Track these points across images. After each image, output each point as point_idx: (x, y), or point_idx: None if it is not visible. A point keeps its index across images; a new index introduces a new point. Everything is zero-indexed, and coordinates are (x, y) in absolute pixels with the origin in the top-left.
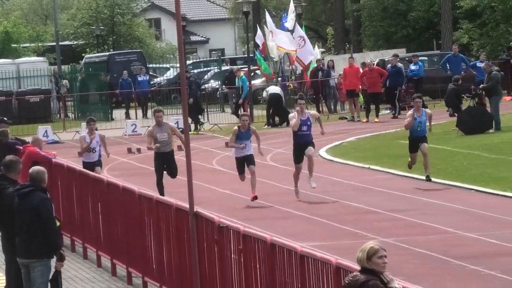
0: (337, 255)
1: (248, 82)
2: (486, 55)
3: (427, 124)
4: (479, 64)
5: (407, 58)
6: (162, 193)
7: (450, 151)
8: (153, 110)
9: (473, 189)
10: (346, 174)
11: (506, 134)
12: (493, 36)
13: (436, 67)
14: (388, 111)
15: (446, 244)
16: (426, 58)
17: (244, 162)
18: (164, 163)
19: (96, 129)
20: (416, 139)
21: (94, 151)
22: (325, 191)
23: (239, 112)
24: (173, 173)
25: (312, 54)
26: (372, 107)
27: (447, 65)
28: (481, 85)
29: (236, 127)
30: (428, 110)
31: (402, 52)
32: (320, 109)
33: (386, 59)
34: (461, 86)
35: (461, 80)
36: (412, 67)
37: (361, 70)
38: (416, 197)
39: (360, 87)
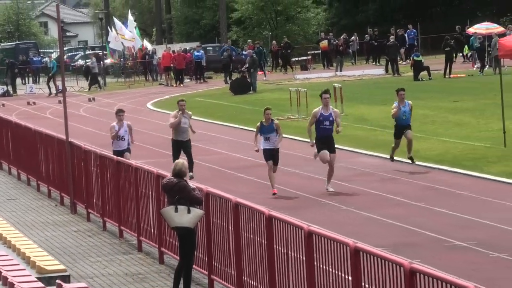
0: (159, 168)
1: (57, 64)
2: (260, 46)
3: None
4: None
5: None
6: None
7: (225, 105)
8: (177, 100)
9: (240, 128)
10: (163, 119)
11: (260, 94)
12: (251, 35)
13: (217, 54)
14: (189, 80)
15: (223, 160)
16: (211, 48)
17: (270, 153)
18: (180, 149)
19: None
20: (402, 127)
21: (123, 139)
22: (152, 129)
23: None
24: (189, 158)
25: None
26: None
27: (224, 52)
28: (244, 66)
29: (259, 123)
30: (410, 102)
31: (197, 44)
32: (147, 78)
33: (188, 48)
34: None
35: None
36: (196, 53)
37: (172, 55)
38: (205, 132)
39: (172, 65)
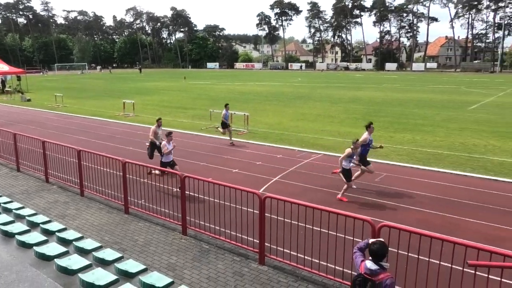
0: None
1: None
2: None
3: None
4: None
5: None
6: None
7: None
8: (157, 118)
9: None
10: None
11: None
12: None
13: None
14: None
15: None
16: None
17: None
18: (155, 148)
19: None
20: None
21: (171, 153)
22: None
23: None
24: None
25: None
26: None
27: None
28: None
29: (350, 150)
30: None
31: None
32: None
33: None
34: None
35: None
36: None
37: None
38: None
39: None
